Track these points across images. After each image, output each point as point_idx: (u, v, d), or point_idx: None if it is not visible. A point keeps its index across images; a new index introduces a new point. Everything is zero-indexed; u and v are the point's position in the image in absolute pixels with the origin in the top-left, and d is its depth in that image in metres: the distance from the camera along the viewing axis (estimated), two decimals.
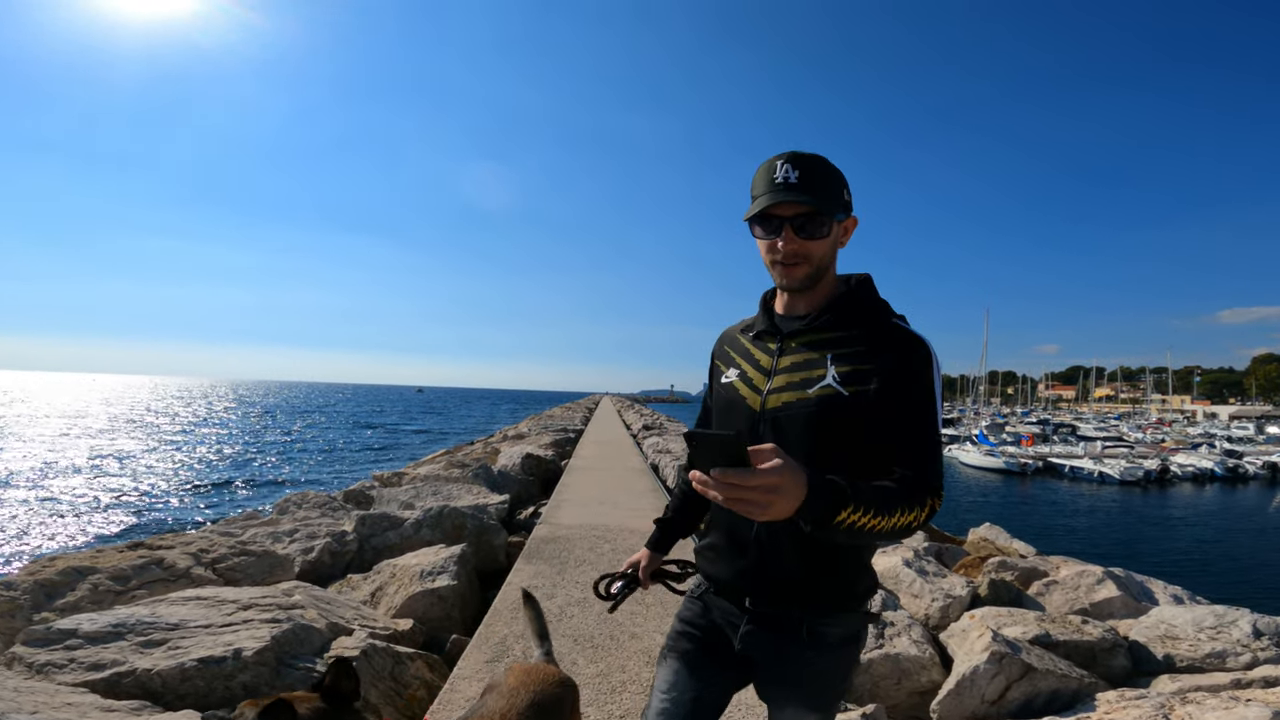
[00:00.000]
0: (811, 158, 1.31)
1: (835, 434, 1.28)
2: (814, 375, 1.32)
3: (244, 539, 5.03)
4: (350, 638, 3.27)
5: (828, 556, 1.32)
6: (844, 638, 1.36)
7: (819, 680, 1.36)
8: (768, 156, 1.35)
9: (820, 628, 1.34)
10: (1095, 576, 4.47)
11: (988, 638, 3.17)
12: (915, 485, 1.20)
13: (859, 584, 1.38)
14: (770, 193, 1.30)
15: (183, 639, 3.01)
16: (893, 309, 1.40)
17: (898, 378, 1.26)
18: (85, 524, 15.12)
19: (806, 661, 1.35)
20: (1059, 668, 3.18)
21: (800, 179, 1.29)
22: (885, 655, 3.57)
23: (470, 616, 4.31)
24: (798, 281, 1.36)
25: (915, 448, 1.25)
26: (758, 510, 0.97)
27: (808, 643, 1.34)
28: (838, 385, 1.29)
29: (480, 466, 9.21)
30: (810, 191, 1.28)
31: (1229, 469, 32.19)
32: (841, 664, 1.38)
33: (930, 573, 4.61)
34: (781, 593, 1.36)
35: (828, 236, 1.34)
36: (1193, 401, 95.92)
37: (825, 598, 1.34)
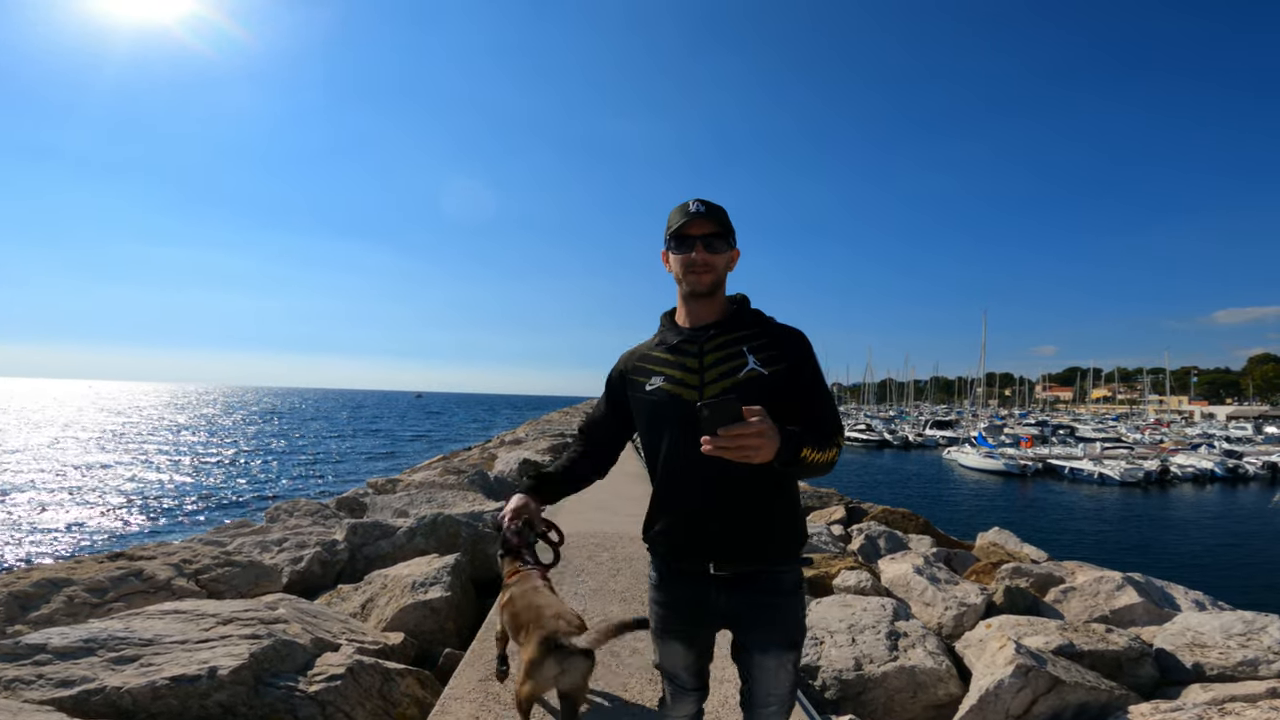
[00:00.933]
0: (713, 202, 1.77)
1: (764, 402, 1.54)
2: (738, 364, 1.71)
3: (229, 549, 4.84)
4: (336, 654, 3.08)
5: (771, 518, 1.69)
6: (795, 582, 1.73)
7: (786, 621, 1.70)
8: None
9: (777, 576, 1.70)
10: (1114, 582, 4.31)
11: (1010, 649, 3.00)
12: (828, 430, 1.64)
13: (798, 536, 1.75)
14: (686, 217, 1.73)
15: (156, 655, 2.82)
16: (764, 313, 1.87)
17: (798, 359, 1.72)
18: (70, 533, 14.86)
19: (774, 607, 1.69)
20: (1087, 679, 3.01)
21: (706, 211, 1.73)
22: (900, 668, 3.40)
23: (465, 628, 4.12)
24: (705, 286, 1.75)
25: (822, 405, 1.69)
26: (755, 455, 1.41)
27: (770, 590, 1.69)
28: (759, 368, 1.69)
29: (476, 473, 9.03)
30: (714, 218, 1.74)
31: (1229, 469, 32.07)
32: (798, 604, 1.73)
33: (942, 580, 4.45)
34: (743, 553, 1.68)
35: (724, 254, 1.77)
36: (1190, 402, 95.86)
37: (775, 551, 1.70)
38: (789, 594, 1.71)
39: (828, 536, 5.94)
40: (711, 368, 1.72)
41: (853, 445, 49.08)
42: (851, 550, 5.57)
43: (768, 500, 1.67)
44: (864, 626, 3.70)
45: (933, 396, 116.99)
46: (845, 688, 3.37)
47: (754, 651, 1.70)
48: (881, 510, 7.52)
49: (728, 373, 1.69)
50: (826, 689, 3.40)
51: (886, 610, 3.90)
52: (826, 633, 3.69)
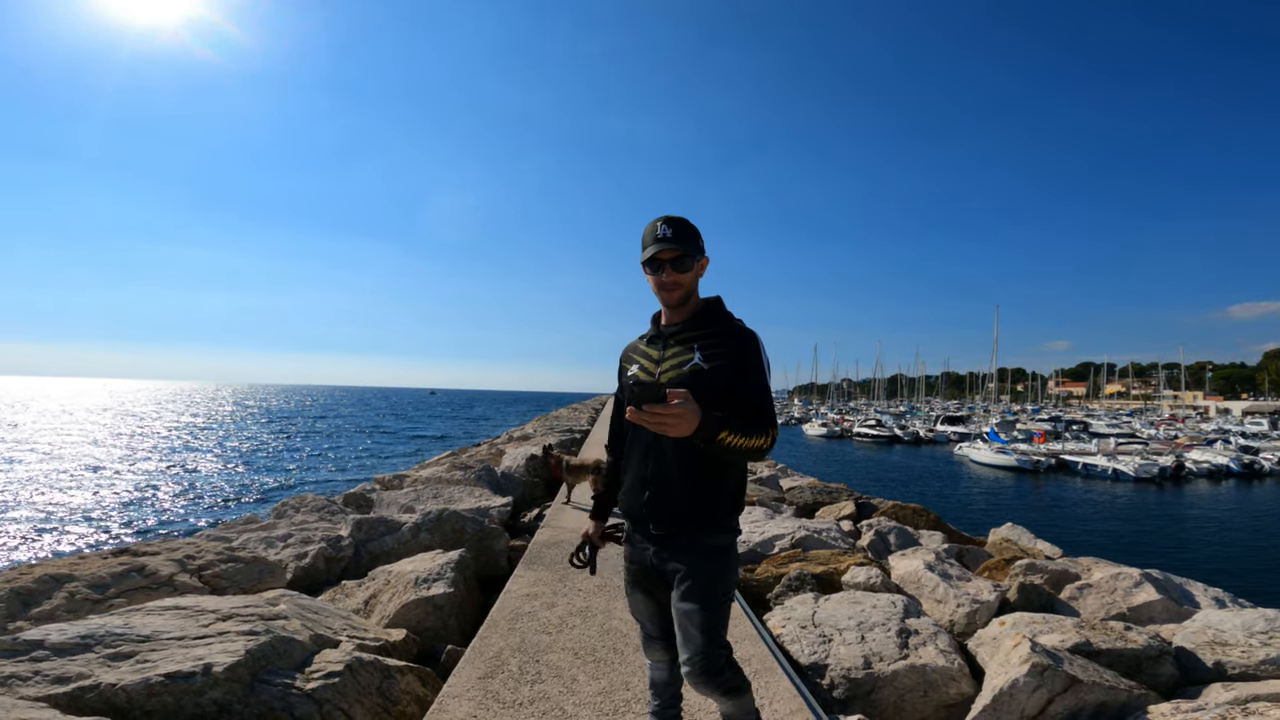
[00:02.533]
0: (680, 219, 2.01)
1: (703, 392, 1.85)
2: (687, 359, 2.00)
3: (234, 545, 4.81)
4: (335, 651, 3.04)
5: (701, 488, 1.94)
6: (719, 547, 1.98)
7: (709, 579, 1.92)
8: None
9: (702, 540, 1.96)
10: (1132, 579, 4.20)
11: (1025, 648, 2.92)
12: (759, 420, 1.86)
13: (724, 507, 1.98)
14: (655, 244, 1.97)
15: (152, 652, 2.79)
16: (733, 315, 2.11)
17: (739, 356, 1.95)
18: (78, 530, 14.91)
19: (698, 565, 1.93)
20: (1105, 679, 2.92)
21: (673, 234, 1.97)
22: (910, 666, 3.32)
23: (469, 625, 4.07)
24: (675, 300, 2.05)
25: (756, 398, 1.92)
26: (670, 429, 1.70)
27: (691, 551, 1.95)
28: (701, 363, 1.96)
29: (483, 468, 8.99)
30: (679, 242, 1.97)
31: (1245, 465, 31.62)
32: (714, 568, 1.95)
33: (954, 576, 4.36)
34: (671, 518, 1.96)
35: (690, 270, 2.03)
36: (1205, 397, 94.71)
37: (701, 519, 1.95)
38: (709, 555, 1.95)
39: (836, 532, 5.85)
40: (667, 360, 2.04)
41: (863, 441, 48.86)
42: (861, 546, 5.48)
43: (695, 473, 1.92)
44: (873, 624, 3.63)
45: (944, 392, 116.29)
46: (854, 686, 3.29)
47: (679, 600, 1.94)
48: (892, 505, 7.42)
49: (679, 364, 2.00)
50: (835, 687, 3.32)
51: (897, 607, 3.82)
52: (835, 630, 3.62)
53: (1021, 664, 2.84)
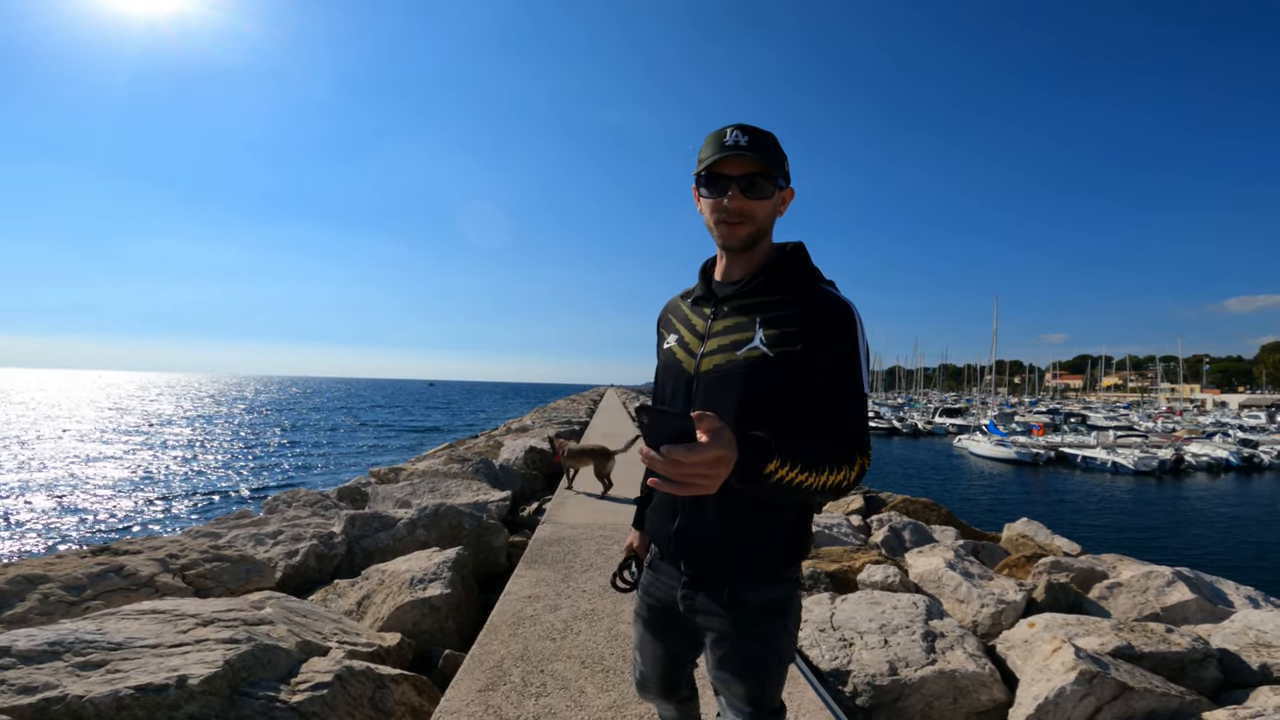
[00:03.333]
0: (760, 130, 1.37)
1: (763, 395, 1.33)
2: (743, 338, 1.38)
3: (220, 543, 4.59)
4: (324, 658, 2.82)
5: (746, 520, 1.37)
6: (764, 605, 1.39)
7: (758, 646, 1.38)
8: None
9: (741, 594, 1.39)
10: (1164, 578, 4.01)
11: (1069, 653, 2.72)
12: (842, 444, 1.26)
13: (778, 549, 1.39)
14: (720, 152, 1.34)
15: (124, 661, 2.57)
16: (823, 274, 1.44)
17: (823, 340, 1.30)
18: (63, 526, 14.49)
19: (730, 627, 1.39)
20: (1154, 685, 2.72)
21: (749, 143, 1.34)
22: (939, 672, 3.12)
23: (467, 627, 3.87)
24: (739, 240, 1.40)
25: (840, 408, 1.30)
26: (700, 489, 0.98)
27: (729, 608, 1.39)
28: (764, 347, 1.34)
29: (481, 461, 8.78)
30: (757, 152, 1.33)
31: (1244, 458, 31.58)
32: (764, 630, 1.39)
33: (976, 575, 4.16)
34: (703, 556, 1.42)
35: (769, 199, 1.38)
36: (1202, 390, 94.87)
37: (743, 562, 1.38)
38: (758, 615, 1.38)
39: (848, 528, 5.66)
40: (714, 337, 1.44)
41: None
42: (874, 542, 5.28)
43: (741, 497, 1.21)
44: (896, 626, 3.42)
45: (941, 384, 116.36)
46: (879, 694, 3.09)
47: (710, 675, 1.47)
48: (902, 500, 7.22)
49: (728, 346, 1.40)
50: (858, 695, 3.12)
51: (919, 608, 3.62)
52: (856, 633, 3.41)
53: (1067, 671, 2.64)
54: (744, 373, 1.35)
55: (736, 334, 1.40)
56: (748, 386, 1.35)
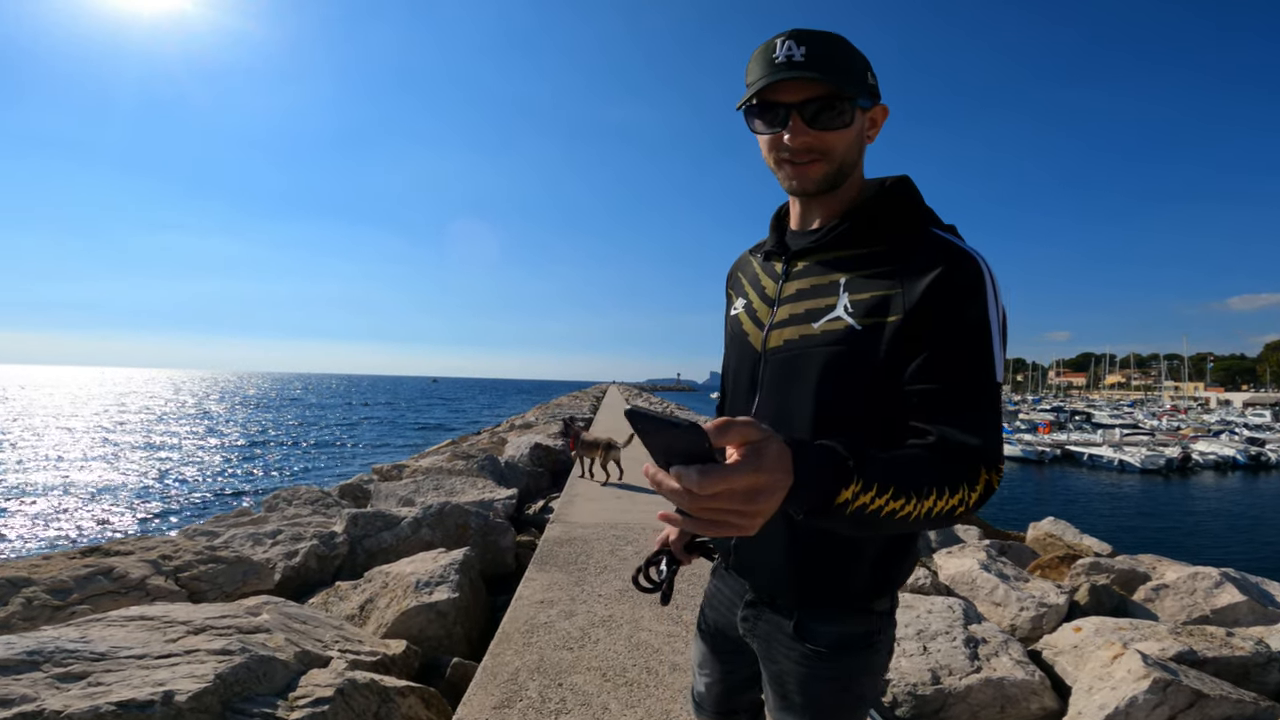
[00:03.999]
0: (823, 33, 0.99)
1: (850, 381, 0.98)
2: (822, 305, 1.03)
3: (216, 543, 4.39)
4: (325, 670, 2.61)
5: (819, 536, 1.04)
6: (841, 640, 1.07)
7: (810, 688, 1.09)
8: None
9: (811, 625, 1.09)
10: (1212, 579, 3.80)
11: (1136, 660, 2.51)
12: (958, 453, 0.88)
13: (863, 574, 1.05)
14: (771, 73, 0.97)
15: (107, 673, 2.36)
16: (938, 217, 1.06)
17: (934, 306, 0.92)
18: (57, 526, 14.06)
19: (795, 662, 1.09)
20: (1226, 691, 2.51)
21: (808, 56, 0.96)
22: (985, 680, 2.91)
23: (476, 632, 3.66)
24: (813, 184, 1.04)
25: (959, 400, 0.90)
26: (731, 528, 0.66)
27: (796, 640, 1.09)
28: (850, 317, 0.99)
29: (486, 458, 8.57)
30: (821, 69, 0.96)
31: (1251, 457, 31.38)
32: (839, 672, 1.08)
33: (1012, 577, 3.95)
34: (768, 578, 1.12)
35: (849, 126, 1.01)
36: (1206, 388, 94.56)
37: (815, 589, 1.07)
38: (825, 655, 1.07)
39: None
40: (786, 303, 1.10)
41: None
42: None
43: None
44: (935, 632, 3.21)
45: None
46: (922, 704, 2.88)
47: (770, 709, 1.18)
48: None
49: (801, 317, 1.06)
50: (899, 705, 2.91)
51: (956, 612, 3.41)
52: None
53: (1137, 679, 2.42)
54: (822, 352, 1.01)
55: (813, 299, 1.05)
56: (826, 372, 1.00)
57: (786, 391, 1.06)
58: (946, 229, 1.03)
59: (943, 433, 0.90)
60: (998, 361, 0.92)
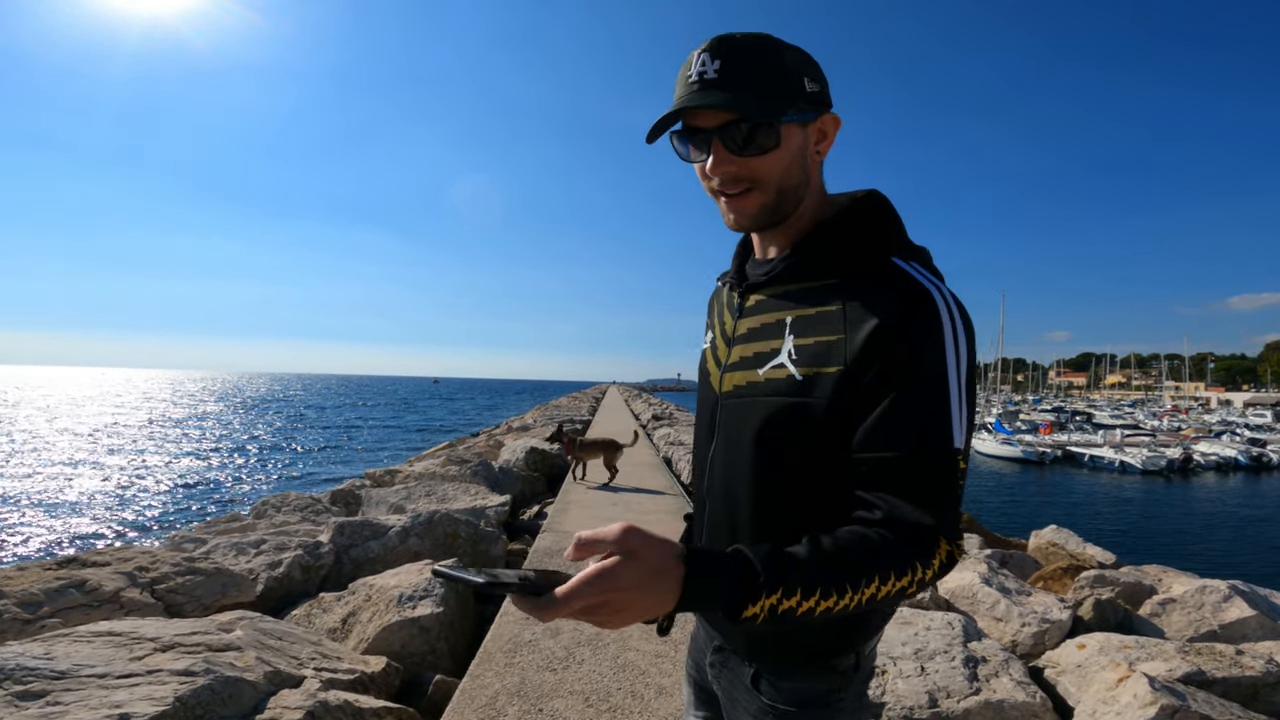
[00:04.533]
0: (744, 42, 0.86)
1: (791, 437, 0.88)
2: (768, 349, 0.94)
3: (196, 553, 4.27)
4: (296, 691, 2.50)
5: None
6: (796, 697, 0.96)
7: None
8: None
9: (768, 678, 0.99)
10: (1220, 593, 3.68)
11: (1142, 684, 2.40)
12: (909, 533, 0.77)
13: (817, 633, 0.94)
14: (681, 97, 0.87)
15: (66, 692, 2.26)
16: (907, 240, 0.94)
17: (881, 357, 0.80)
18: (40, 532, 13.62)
19: (752, 715, 1.00)
20: (1236, 714, 2.40)
21: (723, 72, 0.85)
22: (985, 703, 2.80)
23: (461, 647, 3.55)
24: (751, 219, 0.93)
25: (909, 471, 0.79)
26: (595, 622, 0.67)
27: (753, 692, 1.00)
28: (792, 365, 0.89)
29: (480, 463, 8.46)
30: (734, 88, 0.84)
31: (1253, 458, 31.25)
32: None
33: (1013, 590, 3.83)
34: (726, 628, 1.05)
35: (779, 148, 0.88)
36: (1207, 389, 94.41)
37: (766, 643, 0.98)
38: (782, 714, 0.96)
39: None
40: (738, 343, 1.01)
41: None
42: None
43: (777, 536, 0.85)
44: (934, 651, 3.10)
45: None
46: None
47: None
48: None
49: (750, 361, 0.96)
50: None
51: (955, 629, 3.30)
52: (888, 659, 3.09)
53: (1144, 706, 2.32)
54: (764, 403, 0.91)
55: (761, 341, 0.96)
56: (766, 425, 0.91)
57: (735, 442, 0.98)
58: (915, 253, 0.91)
59: (891, 508, 0.79)
60: (955, 421, 0.80)
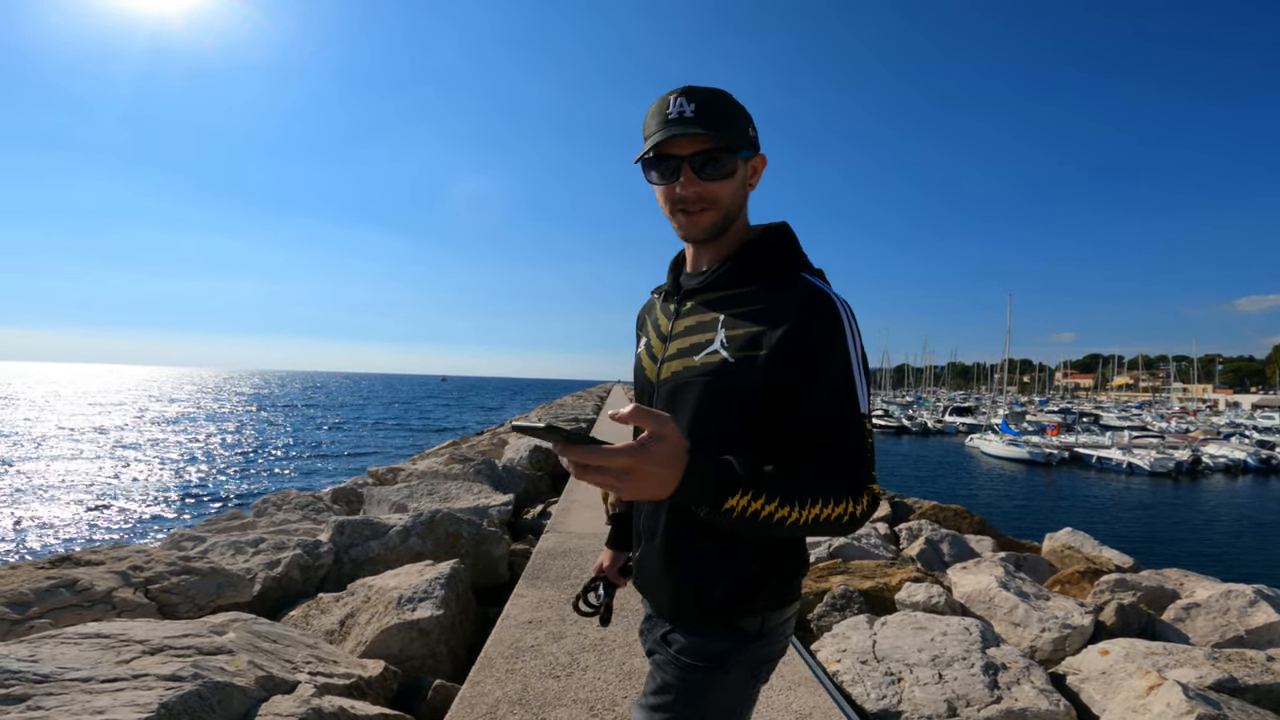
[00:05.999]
0: (709, 91, 1.12)
1: (724, 409, 1.10)
2: (703, 340, 1.15)
3: (193, 552, 4.19)
4: (289, 697, 2.41)
5: (685, 546, 1.15)
6: (695, 651, 1.12)
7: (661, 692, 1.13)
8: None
9: (676, 634, 1.15)
10: (1246, 597, 3.57)
11: (1176, 693, 2.29)
12: (836, 469, 1.00)
13: (725, 588, 1.12)
14: (664, 129, 1.09)
15: (48, 696, 2.16)
16: (809, 262, 1.19)
17: (793, 343, 1.04)
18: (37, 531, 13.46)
19: (659, 666, 1.16)
20: None
21: (697, 113, 1.09)
22: (1007, 711, 2.69)
23: (462, 650, 3.45)
24: (703, 231, 1.16)
25: (824, 432, 1.02)
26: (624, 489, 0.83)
27: (662, 645, 1.17)
28: (724, 351, 1.11)
29: (484, 461, 8.37)
30: (709, 125, 1.08)
31: (1262, 460, 30.97)
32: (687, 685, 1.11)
33: (1032, 595, 3.72)
34: (653, 591, 1.23)
35: (733, 176, 1.13)
36: (1215, 390, 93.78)
37: (683, 600, 1.16)
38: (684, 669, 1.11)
39: (876, 538, 5.22)
40: (676, 338, 1.22)
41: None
42: (909, 556, 4.84)
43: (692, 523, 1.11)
44: (952, 658, 2.99)
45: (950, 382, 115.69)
46: None
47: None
48: (931, 507, 6.75)
49: (687, 350, 1.18)
50: None
51: (972, 635, 3.19)
52: (905, 666, 2.98)
53: (1179, 715, 2.21)
54: (700, 382, 1.13)
55: (697, 335, 1.17)
56: (705, 398, 1.12)
57: (678, 417, 1.14)
58: (815, 273, 1.16)
59: (814, 453, 1.01)
60: (860, 393, 1.04)
